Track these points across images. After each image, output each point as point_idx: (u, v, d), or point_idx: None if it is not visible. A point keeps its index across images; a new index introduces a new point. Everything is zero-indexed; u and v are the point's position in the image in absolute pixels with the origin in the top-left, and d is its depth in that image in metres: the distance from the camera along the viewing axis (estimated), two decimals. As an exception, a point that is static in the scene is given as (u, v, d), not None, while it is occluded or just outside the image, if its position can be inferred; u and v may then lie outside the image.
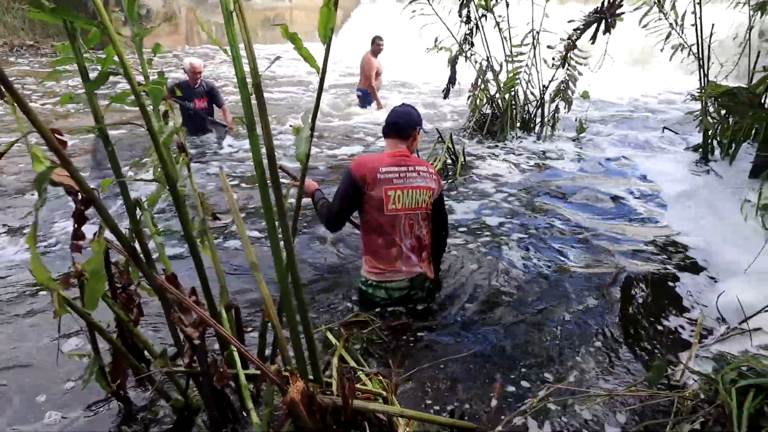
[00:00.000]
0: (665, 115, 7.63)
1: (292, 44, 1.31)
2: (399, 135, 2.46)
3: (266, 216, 1.29)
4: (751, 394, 1.63)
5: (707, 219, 3.64)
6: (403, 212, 2.40)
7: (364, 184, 2.35)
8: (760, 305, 2.32)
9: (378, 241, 2.42)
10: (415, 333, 2.35)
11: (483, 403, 1.90)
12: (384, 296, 2.49)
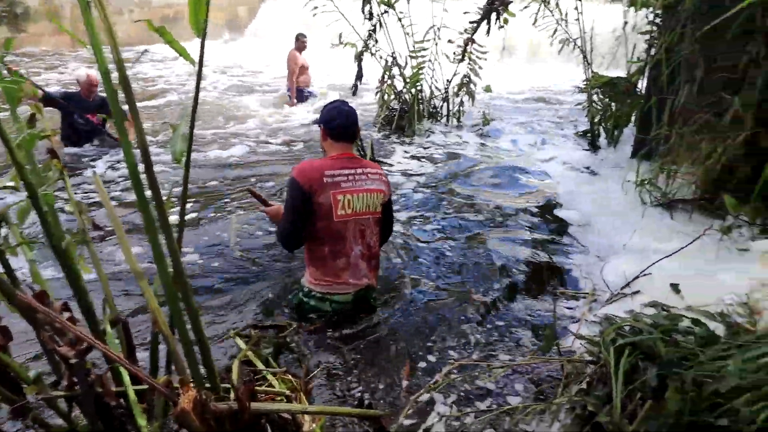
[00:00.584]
0: (559, 104, 8.20)
1: (162, 38, 1.25)
2: (349, 137, 2.31)
3: (144, 221, 1.22)
4: (626, 351, 1.80)
5: (595, 197, 3.96)
6: (353, 218, 2.25)
7: (311, 191, 2.17)
8: (638, 271, 2.58)
9: (325, 250, 2.25)
10: (331, 331, 2.34)
11: (394, 390, 1.94)
12: (327, 309, 2.34)
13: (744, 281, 2.41)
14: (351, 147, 2.33)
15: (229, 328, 2.31)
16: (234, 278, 2.90)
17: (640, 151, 4.45)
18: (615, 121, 5.48)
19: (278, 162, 5.22)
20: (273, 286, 2.78)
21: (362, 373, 2.04)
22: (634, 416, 1.63)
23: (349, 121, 2.28)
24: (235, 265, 3.03)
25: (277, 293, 2.70)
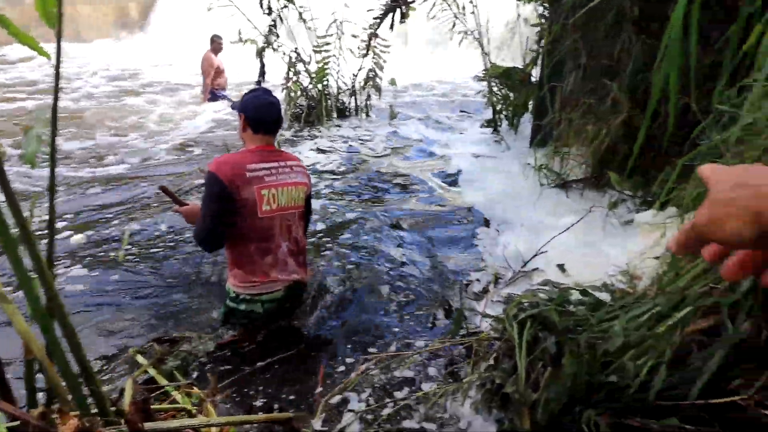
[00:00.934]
0: (463, 95, 8.49)
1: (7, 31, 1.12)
2: (270, 129, 2.19)
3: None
4: (528, 324, 1.90)
5: (498, 183, 4.16)
6: (278, 213, 2.14)
7: (233, 187, 2.02)
8: (538, 248, 2.74)
9: (250, 249, 2.13)
10: (247, 338, 2.24)
11: (310, 394, 1.90)
12: (259, 311, 2.21)
13: (626, 251, 2.65)
14: (272, 139, 2.21)
15: (130, 346, 2.15)
16: (139, 291, 2.70)
17: (537, 137, 4.74)
18: (514, 110, 5.78)
19: (181, 162, 4.95)
20: (182, 296, 2.62)
21: (276, 379, 1.98)
22: (537, 384, 1.73)
23: (271, 112, 2.17)
24: (138, 278, 2.82)
25: (187, 303, 2.55)
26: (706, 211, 0.42)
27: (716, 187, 0.42)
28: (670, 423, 1.49)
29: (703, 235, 0.43)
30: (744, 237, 0.39)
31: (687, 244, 0.46)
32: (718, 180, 0.42)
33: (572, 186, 3.91)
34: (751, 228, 0.38)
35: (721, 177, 0.43)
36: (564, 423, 1.59)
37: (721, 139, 2.23)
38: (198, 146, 5.63)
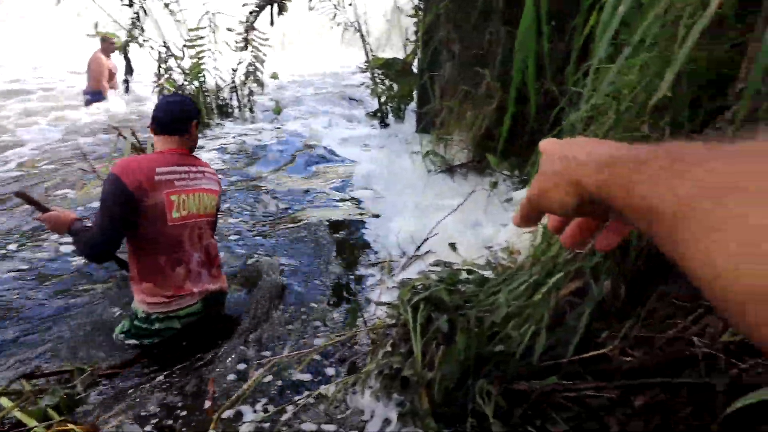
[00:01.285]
0: (348, 87, 8.52)
1: None
2: (173, 130, 2.03)
3: None
4: (421, 306, 1.95)
5: (387, 172, 4.23)
6: (190, 221, 1.99)
7: (140, 192, 1.84)
8: (427, 233, 2.82)
9: (160, 261, 1.95)
10: (136, 363, 2.03)
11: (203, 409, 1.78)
12: (177, 326, 2.04)
13: (507, 229, 2.83)
14: (182, 141, 2.05)
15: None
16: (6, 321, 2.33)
17: (421, 125, 4.90)
18: (398, 100, 5.92)
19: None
20: (64, 324, 2.29)
21: (168, 399, 1.82)
22: (433, 363, 1.78)
23: (171, 111, 2.02)
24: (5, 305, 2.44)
25: (70, 330, 2.24)
26: (537, 183, 0.44)
27: (545, 160, 0.44)
28: (552, 382, 1.62)
29: (536, 206, 0.44)
30: (568, 205, 0.40)
31: (527, 217, 0.47)
32: (549, 153, 0.44)
33: (457, 170, 4.10)
34: (573, 196, 0.39)
35: (551, 150, 0.44)
36: (459, 397, 1.65)
37: (573, 119, 2.46)
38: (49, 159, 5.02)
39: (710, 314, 1.49)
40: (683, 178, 0.29)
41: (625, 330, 1.72)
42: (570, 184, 0.39)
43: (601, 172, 0.36)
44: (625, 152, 0.36)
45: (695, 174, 0.28)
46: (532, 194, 0.44)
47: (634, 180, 0.33)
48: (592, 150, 0.39)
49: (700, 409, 1.31)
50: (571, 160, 0.40)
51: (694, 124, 1.81)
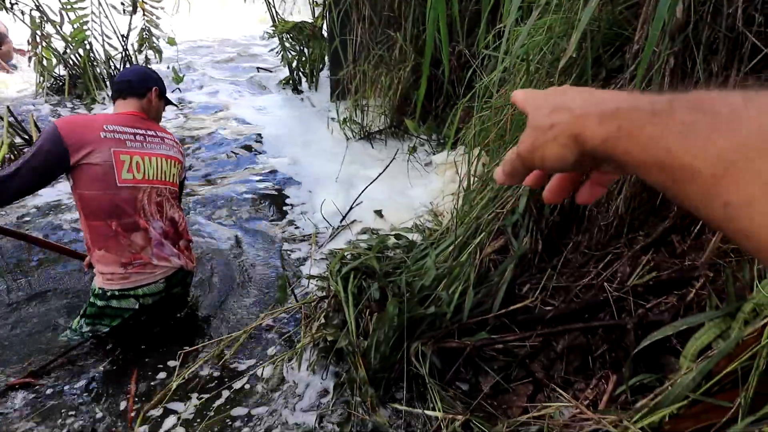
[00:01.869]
0: (257, 54, 8.11)
1: None
2: (128, 92, 1.90)
3: None
4: (351, 275, 1.94)
5: (303, 141, 4.11)
6: (145, 185, 1.83)
7: (78, 147, 1.68)
8: (351, 202, 2.80)
9: (111, 225, 1.76)
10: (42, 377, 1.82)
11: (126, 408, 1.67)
12: (134, 306, 1.85)
13: (429, 191, 2.88)
14: (138, 106, 1.92)
15: None
16: None
17: (337, 91, 4.79)
18: (310, 65, 5.71)
19: None
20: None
21: (91, 400, 1.68)
22: (367, 331, 1.80)
23: (127, 74, 1.95)
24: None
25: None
26: (529, 138, 0.40)
27: (535, 114, 0.40)
28: (481, 337, 1.69)
29: (527, 162, 0.41)
30: (567, 161, 0.38)
31: (513, 173, 0.44)
32: (536, 106, 0.41)
33: (375, 137, 4.08)
34: (573, 150, 0.37)
35: (537, 102, 0.41)
36: (395, 361, 1.68)
37: (487, 82, 2.52)
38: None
39: (618, 260, 1.62)
40: (723, 132, 0.27)
41: (544, 281, 1.83)
42: (569, 137, 0.36)
43: (606, 124, 0.34)
44: (634, 102, 0.33)
45: (739, 129, 0.26)
46: (524, 150, 0.41)
47: (651, 134, 0.30)
48: (591, 99, 0.37)
49: (614, 347, 1.43)
50: (568, 111, 0.37)
51: (598, 82, 1.91)
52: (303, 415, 1.56)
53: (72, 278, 2.36)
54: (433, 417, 1.53)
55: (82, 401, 1.67)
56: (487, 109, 2.41)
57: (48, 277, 2.36)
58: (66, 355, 1.84)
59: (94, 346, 1.91)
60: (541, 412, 1.36)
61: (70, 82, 5.18)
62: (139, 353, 1.89)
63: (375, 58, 4.15)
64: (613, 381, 1.30)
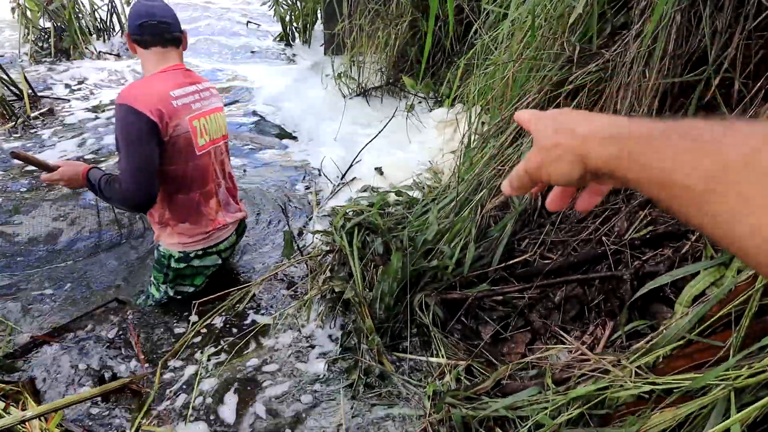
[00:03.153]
0: (247, 7, 7.85)
1: None
2: (168, 40, 1.62)
3: None
4: (355, 230, 1.98)
5: (299, 97, 4.07)
6: (212, 146, 1.74)
7: (162, 122, 1.52)
8: (351, 159, 2.81)
9: (194, 197, 1.71)
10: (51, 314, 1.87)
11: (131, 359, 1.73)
12: (215, 262, 1.87)
13: (428, 149, 2.90)
14: (176, 54, 1.67)
15: None
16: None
17: (332, 47, 4.70)
18: (303, 19, 5.57)
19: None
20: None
21: (101, 352, 1.73)
22: (372, 284, 1.86)
23: (161, 15, 1.60)
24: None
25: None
26: (537, 157, 0.45)
27: (540, 135, 0.46)
28: (482, 289, 1.76)
29: (535, 177, 0.47)
30: (572, 176, 0.43)
31: (520, 186, 0.50)
32: (540, 128, 0.46)
33: (371, 94, 4.04)
34: (577, 168, 0.42)
35: (543, 124, 0.46)
36: (400, 312, 1.75)
37: (489, 38, 2.50)
38: None
39: (616, 216, 1.68)
40: (708, 156, 0.31)
41: (543, 236, 1.89)
42: (574, 156, 0.41)
43: (608, 146, 0.39)
44: (631, 128, 0.38)
45: (720, 154, 0.31)
46: (532, 167, 0.46)
47: (649, 155, 0.35)
48: (594, 122, 0.41)
49: (610, 297, 1.51)
50: (572, 133, 0.42)
51: (602, 38, 1.91)
52: (312, 362, 1.64)
53: (127, 246, 2.37)
54: (435, 363, 1.62)
55: (106, 353, 1.73)
56: (487, 66, 2.41)
57: (106, 239, 2.38)
58: (92, 313, 1.88)
59: (115, 308, 1.95)
60: (540, 354, 1.44)
61: (55, 35, 5.00)
62: (158, 307, 1.93)
63: (371, 12, 4.07)
64: (609, 327, 1.38)
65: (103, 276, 2.13)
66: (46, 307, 1.94)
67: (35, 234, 2.37)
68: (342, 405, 1.48)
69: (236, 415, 1.46)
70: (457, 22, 3.60)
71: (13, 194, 2.70)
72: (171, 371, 1.62)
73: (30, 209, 2.54)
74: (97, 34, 5.32)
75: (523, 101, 2.07)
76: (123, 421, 1.46)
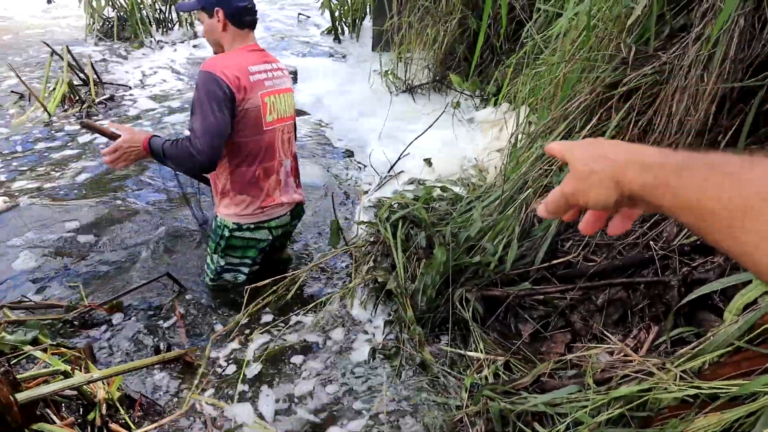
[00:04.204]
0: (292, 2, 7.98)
1: None
2: (250, 22, 1.76)
3: None
4: (400, 223, 2.03)
5: (346, 92, 4.14)
6: (279, 124, 1.80)
7: (240, 92, 1.62)
8: (398, 154, 2.86)
9: (256, 171, 1.77)
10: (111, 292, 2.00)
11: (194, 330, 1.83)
12: (265, 237, 1.89)
13: (473, 147, 2.91)
14: (253, 37, 1.81)
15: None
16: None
17: (380, 43, 4.75)
18: (353, 15, 5.64)
19: None
20: (37, 258, 2.20)
21: (153, 325, 1.84)
22: (414, 276, 1.90)
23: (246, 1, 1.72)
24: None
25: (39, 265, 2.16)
26: (573, 182, 0.48)
27: (578, 162, 0.49)
28: (523, 287, 1.78)
29: (572, 201, 0.49)
30: (608, 202, 0.45)
31: (556, 210, 0.52)
32: (577, 156, 0.49)
33: (417, 90, 4.07)
34: (614, 194, 0.45)
35: (579, 152, 0.49)
36: (440, 304, 1.79)
37: (539, 39, 2.48)
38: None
39: (666, 221, 1.66)
40: (732, 188, 0.35)
41: (588, 238, 1.89)
42: (611, 182, 0.45)
43: (644, 174, 0.42)
44: (665, 158, 0.42)
45: (742, 187, 0.34)
46: (569, 192, 0.49)
47: (681, 184, 0.39)
48: (630, 152, 0.45)
49: (656, 302, 1.50)
50: (609, 161, 0.45)
51: (660, 40, 1.88)
52: (355, 348, 1.70)
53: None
54: (474, 357, 1.65)
55: (158, 327, 1.84)
56: (537, 66, 2.40)
57: (173, 218, 2.51)
58: (145, 286, 1.99)
59: (164, 286, 2.05)
60: (580, 354, 1.45)
61: (118, 24, 5.26)
62: (213, 291, 2.03)
63: (420, 9, 4.09)
64: (654, 332, 1.37)
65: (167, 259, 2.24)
66: (103, 281, 2.07)
67: (107, 214, 2.52)
68: (383, 390, 1.53)
69: (278, 396, 1.54)
70: (508, 21, 3.59)
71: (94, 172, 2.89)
72: (220, 349, 1.71)
73: (106, 190, 2.71)
74: (156, 24, 5.56)
75: (574, 102, 2.06)
76: (173, 390, 1.56)
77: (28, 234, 2.34)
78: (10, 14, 6.31)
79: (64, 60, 3.70)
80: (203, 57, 5.07)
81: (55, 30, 5.77)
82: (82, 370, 1.50)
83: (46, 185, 2.76)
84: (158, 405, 1.49)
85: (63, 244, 2.29)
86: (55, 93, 3.66)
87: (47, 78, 3.71)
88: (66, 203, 2.59)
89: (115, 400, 1.38)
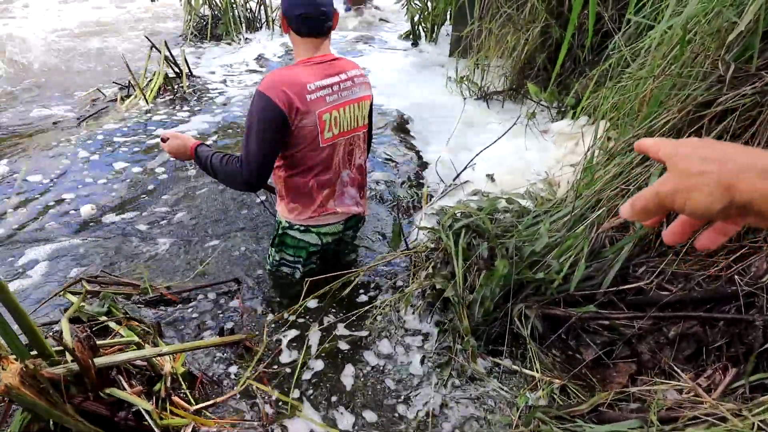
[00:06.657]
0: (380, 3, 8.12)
1: None
2: (321, 30, 1.65)
3: None
4: (462, 232, 2.01)
5: (420, 97, 4.15)
6: (341, 138, 1.76)
7: (292, 113, 1.59)
8: (466, 161, 2.83)
9: (309, 184, 1.77)
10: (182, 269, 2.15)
11: (254, 316, 1.91)
12: (314, 242, 1.92)
13: (545, 159, 2.82)
14: (326, 43, 1.70)
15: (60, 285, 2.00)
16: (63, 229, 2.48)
17: (458, 49, 4.72)
18: (432, 20, 5.65)
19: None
20: (112, 237, 2.42)
21: (215, 313, 1.94)
22: (473, 286, 1.87)
23: (318, 6, 1.60)
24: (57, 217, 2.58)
25: (115, 244, 2.36)
26: (674, 182, 0.42)
27: (682, 161, 0.42)
28: (588, 310, 1.70)
29: (666, 203, 0.43)
30: (711, 209, 0.40)
31: (644, 211, 0.45)
32: (681, 153, 0.43)
33: (492, 98, 4.01)
34: (721, 200, 0.39)
35: (683, 150, 0.43)
36: (498, 318, 1.75)
37: (628, 52, 2.36)
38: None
39: (755, 255, 1.52)
40: None
41: (663, 265, 1.77)
42: (720, 187, 0.39)
43: (764, 181, 0.37)
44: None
45: None
46: (665, 192, 0.43)
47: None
48: (747, 154, 0.39)
49: (735, 341, 1.38)
50: (721, 163, 0.39)
51: (762, 59, 1.73)
52: (407, 353, 1.70)
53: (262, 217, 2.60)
54: (529, 376, 1.59)
55: (221, 315, 1.94)
56: (624, 80, 2.28)
57: (240, 216, 2.63)
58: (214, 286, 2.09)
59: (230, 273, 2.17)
60: (645, 387, 1.36)
61: (212, 22, 5.60)
62: (273, 288, 2.11)
63: (503, 16, 4.02)
64: (731, 374, 1.27)
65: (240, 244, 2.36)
66: (178, 272, 2.21)
67: (189, 209, 2.69)
68: (432, 397, 1.52)
69: (330, 393, 1.57)
70: (594, 31, 3.44)
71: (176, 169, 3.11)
72: (278, 338, 1.77)
73: (191, 189, 2.90)
74: (246, 23, 5.86)
75: (660, 119, 1.94)
76: (232, 372, 1.63)
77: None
78: (117, 12, 6.88)
79: (161, 54, 4.00)
80: (288, 58, 5.28)
81: (157, 26, 6.25)
82: (150, 345, 1.61)
83: (135, 168, 3.00)
84: (216, 384, 1.57)
85: (144, 226, 2.48)
86: (152, 84, 3.96)
87: (146, 70, 4.02)
88: (153, 189, 2.81)
89: (179, 374, 1.47)
